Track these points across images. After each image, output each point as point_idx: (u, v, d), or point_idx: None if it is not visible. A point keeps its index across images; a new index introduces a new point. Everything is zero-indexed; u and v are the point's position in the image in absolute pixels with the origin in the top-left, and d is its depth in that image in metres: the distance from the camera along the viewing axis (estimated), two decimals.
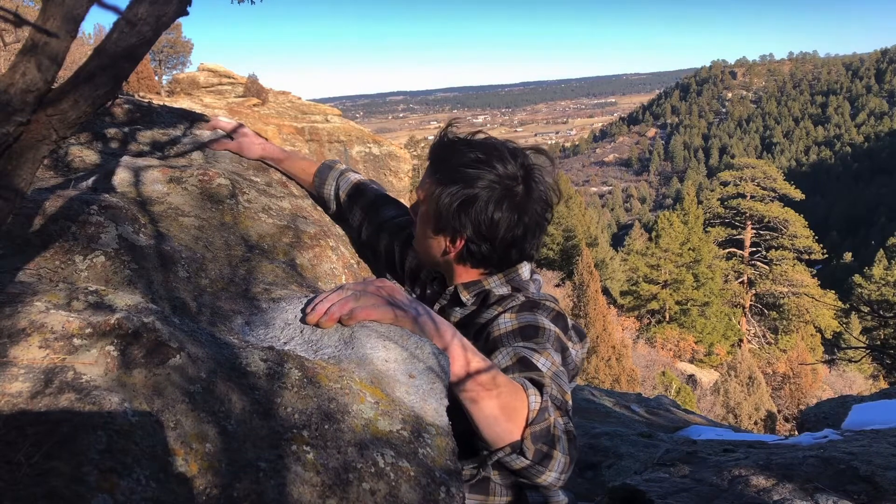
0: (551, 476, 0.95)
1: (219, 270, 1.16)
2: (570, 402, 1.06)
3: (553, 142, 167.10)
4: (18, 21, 0.56)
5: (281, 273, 1.24)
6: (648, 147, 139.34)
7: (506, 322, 1.15)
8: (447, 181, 1.18)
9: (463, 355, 0.99)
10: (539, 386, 0.99)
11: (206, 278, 1.12)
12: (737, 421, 17.13)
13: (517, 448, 0.95)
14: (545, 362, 1.05)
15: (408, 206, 1.45)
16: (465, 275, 1.27)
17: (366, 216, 1.56)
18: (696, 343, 28.27)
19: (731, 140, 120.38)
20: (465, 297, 1.27)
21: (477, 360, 0.99)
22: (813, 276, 33.00)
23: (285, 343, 1.00)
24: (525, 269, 1.28)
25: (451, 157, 1.19)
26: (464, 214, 1.17)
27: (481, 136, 1.24)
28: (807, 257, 32.44)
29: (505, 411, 0.95)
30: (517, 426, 0.95)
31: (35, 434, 0.63)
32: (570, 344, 1.17)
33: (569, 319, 1.22)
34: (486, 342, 1.15)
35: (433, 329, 1.01)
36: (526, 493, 1.26)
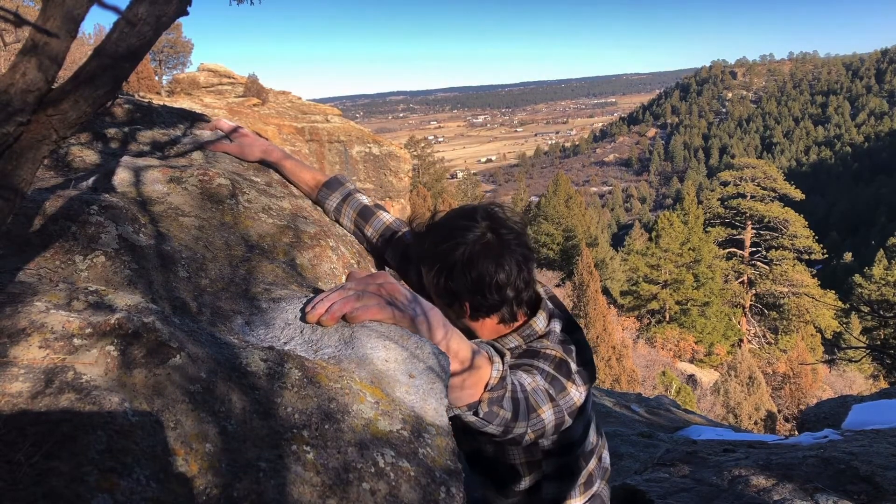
0: (492, 428, 1.12)
1: (219, 270, 1.16)
2: (546, 426, 1.20)
3: (553, 142, 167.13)
4: (18, 21, 0.56)
5: (281, 273, 1.24)
6: (648, 147, 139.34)
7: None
8: (429, 266, 1.32)
9: (452, 350, 1.07)
10: (502, 355, 1.13)
11: (206, 278, 1.12)
12: (737, 421, 17.13)
13: (473, 407, 1.09)
14: (527, 378, 1.19)
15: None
16: (485, 330, 1.36)
17: (386, 244, 1.62)
18: (696, 343, 28.27)
19: (731, 140, 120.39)
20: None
21: (464, 351, 1.09)
22: (813, 276, 33.00)
23: (285, 343, 1.00)
24: (540, 322, 1.35)
25: (424, 246, 1.33)
26: (451, 283, 1.29)
27: (440, 215, 1.38)
28: (807, 257, 32.45)
29: (470, 381, 1.08)
30: (478, 391, 1.09)
31: (35, 434, 0.63)
32: (570, 385, 1.26)
33: (572, 363, 1.29)
34: None
35: (426, 329, 1.06)
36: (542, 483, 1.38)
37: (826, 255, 34.93)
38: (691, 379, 23.61)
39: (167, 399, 0.73)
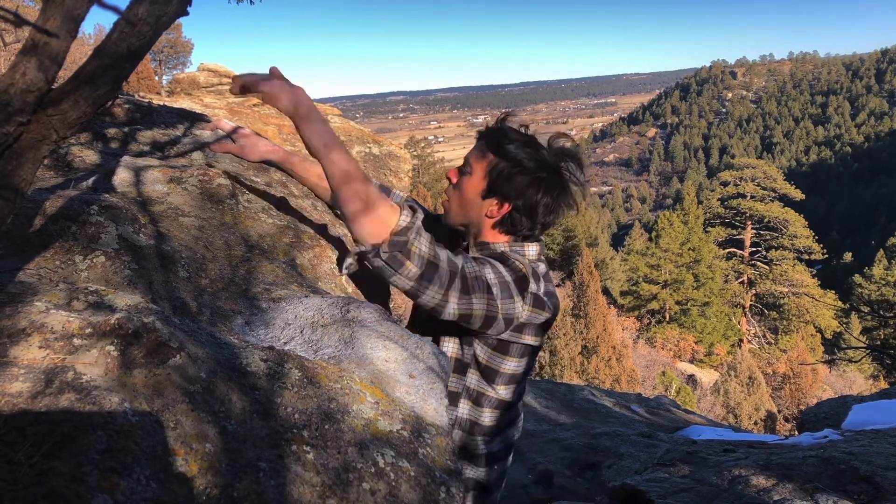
0: (400, 280, 1.17)
1: (219, 270, 1.16)
2: (473, 311, 1.24)
3: None
4: (18, 21, 0.56)
5: (281, 273, 1.24)
6: (648, 147, 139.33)
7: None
8: (505, 156, 1.35)
9: (346, 163, 1.18)
10: (414, 210, 1.22)
11: (206, 278, 1.12)
12: (737, 421, 17.13)
13: (376, 249, 1.16)
14: (476, 265, 1.26)
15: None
16: (491, 237, 1.41)
17: None
18: (696, 343, 28.26)
19: (731, 140, 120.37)
20: (473, 253, 1.42)
21: (358, 176, 1.19)
22: (813, 276, 32.98)
23: (285, 343, 1.00)
24: (532, 250, 1.41)
25: (508, 140, 1.37)
26: (516, 186, 1.34)
27: (529, 130, 1.44)
28: (807, 257, 32.43)
29: (371, 216, 1.17)
30: (381, 232, 1.16)
31: (35, 434, 0.63)
32: (518, 300, 1.30)
33: (533, 286, 1.34)
34: None
35: (312, 132, 1.18)
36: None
37: (826, 255, 34.91)
38: (691, 379, 23.60)
39: (167, 399, 0.73)
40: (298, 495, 0.73)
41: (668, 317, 29.76)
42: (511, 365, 1.36)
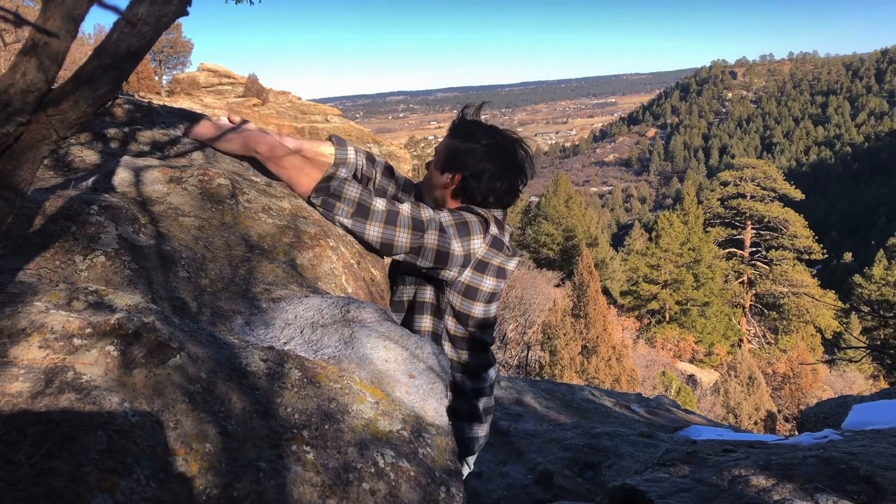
0: (339, 218, 1.47)
1: (219, 270, 1.16)
2: (424, 245, 1.46)
3: (553, 142, 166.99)
4: (18, 21, 0.56)
5: (281, 273, 1.24)
6: (648, 147, 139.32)
7: None
8: (460, 137, 1.62)
9: (269, 141, 1.51)
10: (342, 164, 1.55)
11: (206, 278, 1.12)
12: (737, 421, 17.12)
13: (311, 196, 1.48)
14: (427, 211, 1.49)
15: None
16: (452, 205, 1.63)
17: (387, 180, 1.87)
18: (696, 343, 28.25)
19: (731, 140, 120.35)
20: None
21: (282, 148, 1.51)
22: (813, 276, 32.97)
23: (285, 343, 1.00)
24: (491, 216, 1.59)
25: (465, 126, 1.64)
26: (466, 158, 1.58)
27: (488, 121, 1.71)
28: (807, 257, 32.42)
29: (300, 173, 1.50)
30: (309, 183, 1.48)
31: (35, 434, 0.63)
32: (479, 237, 1.51)
33: (494, 230, 1.55)
34: None
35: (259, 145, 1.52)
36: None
37: (826, 255, 34.90)
38: (691, 379, 23.59)
39: (167, 399, 0.73)
40: (298, 495, 0.73)
41: (668, 317, 29.76)
42: (479, 310, 1.57)
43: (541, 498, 3.21)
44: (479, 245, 1.51)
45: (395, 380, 0.96)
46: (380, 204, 1.46)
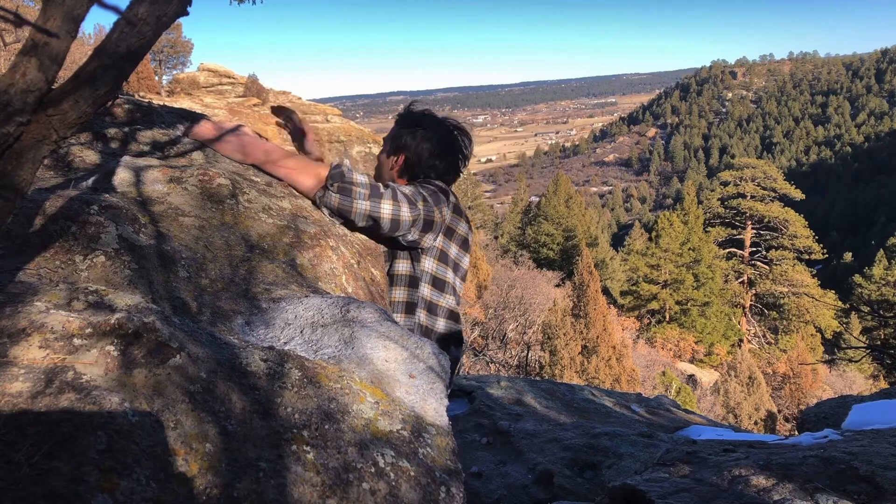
0: (357, 202, 1.51)
1: (219, 270, 1.16)
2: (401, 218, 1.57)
3: (553, 142, 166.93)
4: (18, 21, 0.56)
5: (281, 273, 1.24)
6: (648, 147, 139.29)
7: None
8: (402, 125, 1.82)
9: (265, 146, 1.58)
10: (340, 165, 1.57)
11: (206, 278, 1.12)
12: (737, 421, 17.12)
13: (327, 184, 1.52)
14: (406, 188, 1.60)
15: None
16: (403, 184, 1.74)
17: None
18: (696, 343, 28.24)
19: (731, 140, 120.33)
20: None
21: (278, 151, 1.57)
22: (813, 276, 32.96)
23: (285, 343, 1.00)
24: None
25: (407, 115, 1.86)
26: (407, 141, 1.77)
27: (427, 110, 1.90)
28: (807, 257, 32.41)
29: (303, 172, 1.56)
30: (317, 177, 1.54)
31: (35, 434, 0.63)
32: (445, 208, 1.64)
33: (453, 199, 1.71)
34: None
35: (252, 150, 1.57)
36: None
37: (826, 255, 34.88)
38: (691, 379, 23.59)
39: (167, 399, 0.73)
40: (298, 495, 0.73)
41: (668, 317, 29.75)
42: (451, 275, 1.71)
43: (541, 498, 3.21)
44: (447, 211, 1.66)
45: (395, 380, 0.96)
46: (381, 183, 1.56)
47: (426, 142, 1.77)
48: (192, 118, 1.79)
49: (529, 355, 18.02)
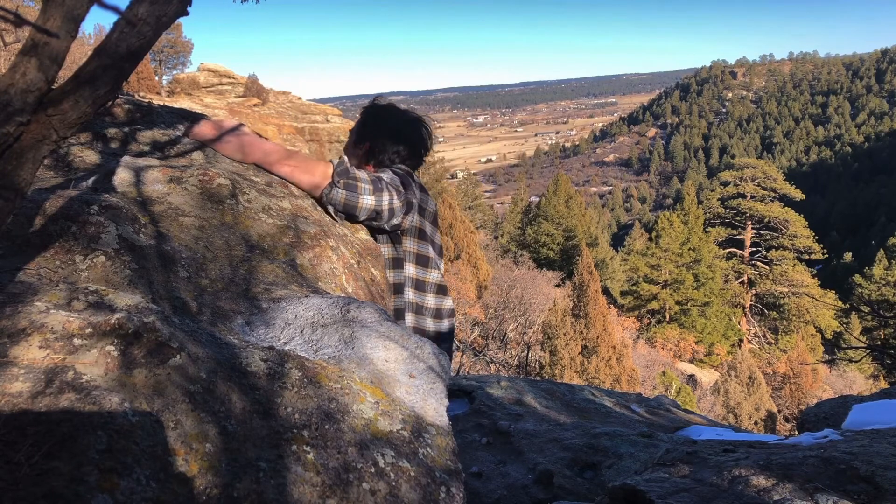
0: (362, 198, 1.55)
1: (219, 270, 1.16)
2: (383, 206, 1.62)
3: (553, 142, 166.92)
4: (18, 21, 0.56)
5: (281, 273, 1.24)
6: (648, 147, 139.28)
7: None
8: (366, 116, 1.97)
9: (265, 146, 1.60)
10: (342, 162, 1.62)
11: (206, 278, 1.12)
12: (737, 421, 17.12)
13: (334, 181, 1.54)
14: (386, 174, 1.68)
15: None
16: (370, 170, 1.81)
17: None
18: (696, 343, 28.24)
19: (731, 140, 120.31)
20: None
21: (278, 151, 1.60)
22: (813, 276, 32.96)
23: (286, 343, 1.00)
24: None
25: (371, 107, 2.02)
26: (370, 129, 1.91)
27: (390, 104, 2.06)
28: (807, 257, 32.40)
29: (306, 170, 1.58)
30: (321, 175, 1.57)
31: (35, 434, 0.63)
32: (412, 187, 1.72)
33: (422, 184, 1.83)
34: None
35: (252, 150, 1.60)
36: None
37: (826, 255, 34.88)
38: (691, 379, 23.59)
39: (167, 399, 0.73)
40: (299, 495, 0.73)
41: (668, 317, 29.75)
42: (431, 251, 1.79)
43: (541, 498, 3.21)
44: (417, 191, 1.75)
45: (395, 380, 0.96)
46: (374, 175, 1.63)
47: (387, 130, 1.90)
48: (192, 118, 1.79)
49: (529, 355, 18.02)
